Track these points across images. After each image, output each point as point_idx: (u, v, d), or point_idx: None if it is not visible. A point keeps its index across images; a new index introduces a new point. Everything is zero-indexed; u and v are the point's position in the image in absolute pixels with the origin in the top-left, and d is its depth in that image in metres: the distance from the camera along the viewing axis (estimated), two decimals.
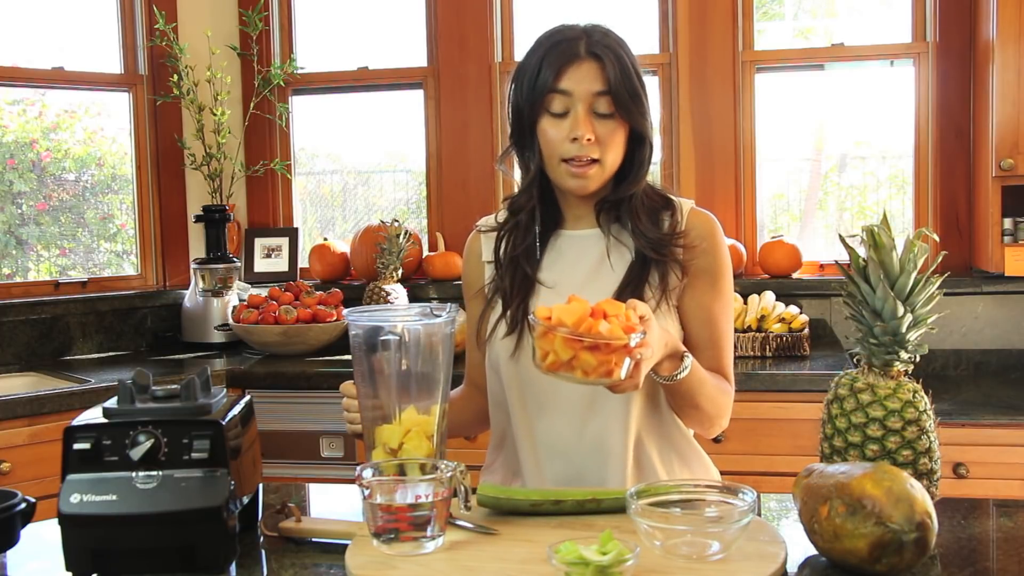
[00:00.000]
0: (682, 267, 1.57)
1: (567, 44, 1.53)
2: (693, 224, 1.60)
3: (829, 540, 1.16)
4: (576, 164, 1.52)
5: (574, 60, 1.52)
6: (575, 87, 1.51)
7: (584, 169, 1.52)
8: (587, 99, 1.51)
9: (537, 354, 1.30)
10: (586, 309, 1.28)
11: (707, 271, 1.59)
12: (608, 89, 1.51)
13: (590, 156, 1.51)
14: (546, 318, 1.28)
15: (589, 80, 1.51)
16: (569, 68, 1.51)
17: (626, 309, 1.31)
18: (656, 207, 1.61)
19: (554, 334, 1.26)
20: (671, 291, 1.57)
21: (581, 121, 1.51)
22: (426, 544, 1.23)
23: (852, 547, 1.13)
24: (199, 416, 1.27)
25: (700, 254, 1.58)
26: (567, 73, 1.51)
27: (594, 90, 1.51)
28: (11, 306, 3.22)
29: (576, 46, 1.52)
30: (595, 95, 1.51)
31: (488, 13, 3.59)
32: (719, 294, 1.61)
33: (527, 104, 1.55)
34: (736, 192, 3.43)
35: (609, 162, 1.54)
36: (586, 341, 1.25)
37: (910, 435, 1.32)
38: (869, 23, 3.59)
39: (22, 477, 2.53)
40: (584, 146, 1.51)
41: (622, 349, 1.27)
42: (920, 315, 1.34)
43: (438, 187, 3.68)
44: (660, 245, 1.56)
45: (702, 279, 1.59)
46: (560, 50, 1.52)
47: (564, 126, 1.52)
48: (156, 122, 3.62)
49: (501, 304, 1.61)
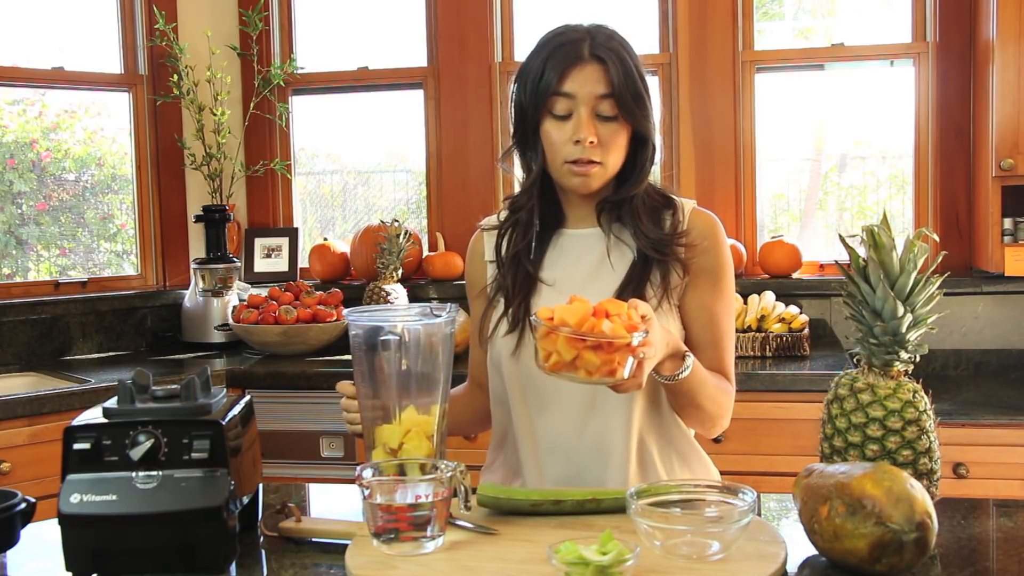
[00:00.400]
0: (683, 266, 1.57)
1: (571, 46, 1.52)
2: (695, 224, 1.60)
3: (829, 540, 1.16)
4: (578, 166, 1.52)
5: (577, 62, 1.51)
6: (578, 90, 1.51)
7: (586, 168, 1.52)
8: (590, 102, 1.51)
9: (540, 355, 1.30)
10: (588, 309, 1.28)
11: (709, 270, 1.60)
12: (611, 92, 1.51)
13: (593, 158, 1.52)
14: (548, 318, 1.28)
15: (592, 83, 1.51)
16: (572, 70, 1.51)
17: (628, 308, 1.31)
18: (657, 207, 1.61)
19: (557, 334, 1.26)
20: (672, 290, 1.57)
21: (584, 124, 1.51)
22: (426, 544, 1.23)
23: (852, 547, 1.13)
24: (199, 416, 1.27)
25: (701, 253, 1.59)
26: (570, 75, 1.51)
27: (597, 93, 1.51)
28: (11, 306, 3.22)
29: (580, 48, 1.52)
30: (598, 98, 1.51)
31: (488, 13, 3.59)
32: (721, 294, 1.61)
33: (530, 105, 1.55)
34: (736, 192, 3.43)
35: (611, 164, 1.54)
36: (589, 340, 1.25)
37: (910, 435, 1.32)
38: (869, 23, 3.58)
39: (22, 477, 2.53)
40: (587, 148, 1.51)
41: (625, 348, 1.27)
42: (920, 315, 1.34)
43: (438, 187, 3.68)
44: (662, 245, 1.56)
45: (704, 278, 1.59)
46: (564, 52, 1.52)
47: (567, 129, 1.52)
48: (156, 122, 3.62)
49: (503, 303, 1.62)
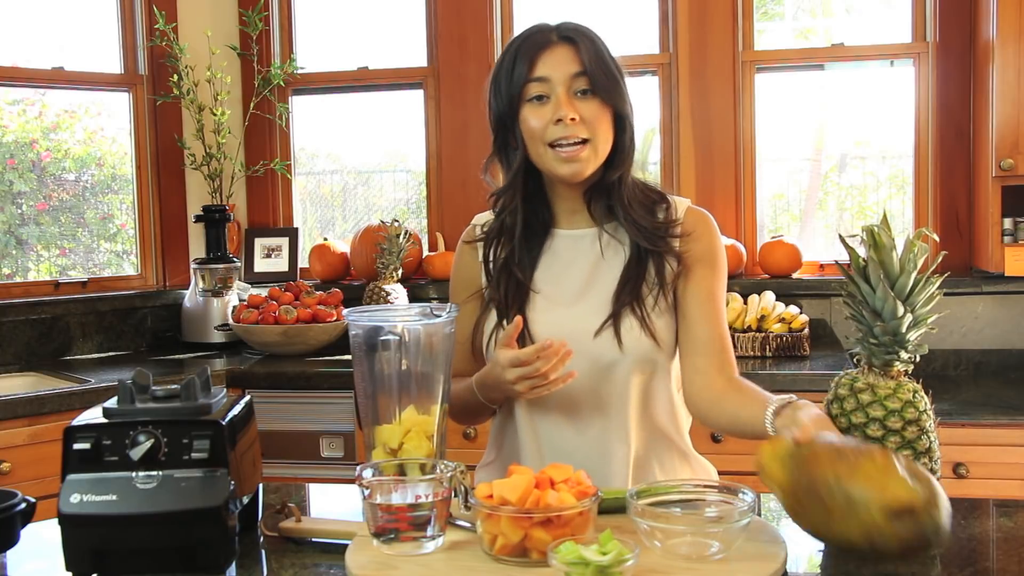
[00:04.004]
0: (677, 257, 1.56)
1: (539, 35, 1.53)
2: (688, 218, 1.60)
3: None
4: (565, 148, 1.50)
5: (547, 46, 1.52)
6: (552, 72, 1.51)
7: (575, 151, 1.50)
8: (565, 81, 1.50)
9: (484, 540, 1.19)
10: (530, 480, 1.18)
11: (704, 257, 1.58)
12: (584, 70, 1.50)
13: (578, 136, 1.50)
14: (487, 497, 1.18)
15: (565, 63, 1.51)
16: (543, 54, 1.51)
17: (576, 470, 1.22)
18: (651, 201, 1.60)
19: (499, 516, 1.16)
20: (668, 285, 1.56)
21: (563, 102, 1.49)
22: (426, 544, 1.23)
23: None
24: (199, 416, 1.27)
25: (695, 241, 1.58)
26: (542, 59, 1.51)
27: (571, 71, 1.50)
28: (11, 306, 3.22)
29: (548, 35, 1.53)
30: (573, 76, 1.51)
31: (488, 13, 3.59)
32: (718, 279, 1.60)
33: (506, 100, 1.54)
34: (736, 192, 3.43)
35: (600, 143, 1.52)
36: (536, 517, 1.15)
37: (910, 435, 1.32)
38: (869, 23, 3.59)
39: (22, 477, 2.53)
40: (569, 126, 1.49)
41: (578, 518, 1.16)
42: (920, 315, 1.34)
43: (438, 187, 3.68)
44: (654, 234, 1.55)
45: (701, 263, 1.58)
46: (532, 41, 1.53)
47: (546, 111, 1.51)
48: (156, 122, 3.62)
49: (496, 314, 1.60)
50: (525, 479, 1.19)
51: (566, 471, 1.23)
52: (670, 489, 1.29)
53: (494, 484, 1.19)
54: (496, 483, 1.19)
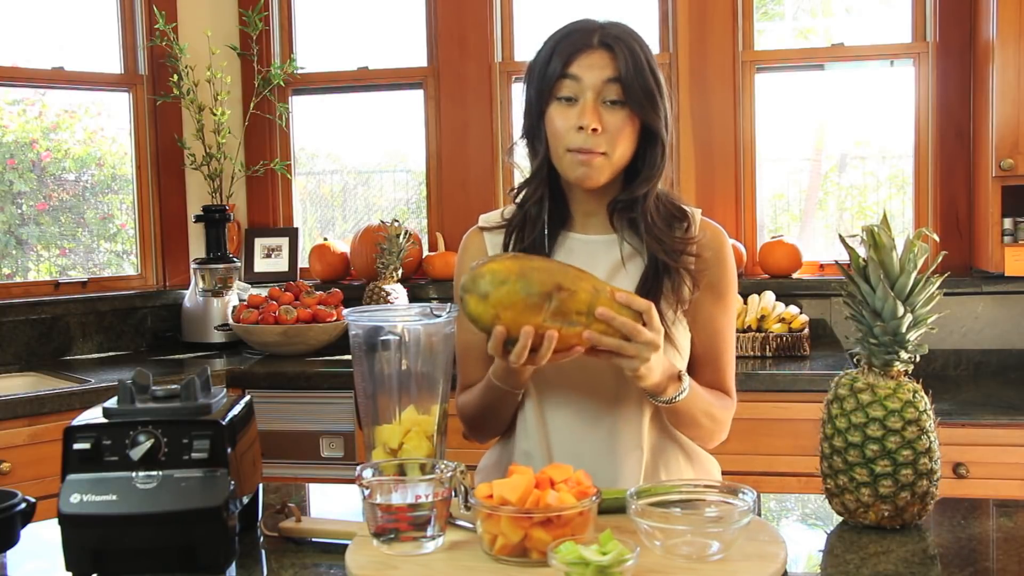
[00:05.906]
0: (694, 280, 1.55)
1: (580, 35, 1.50)
2: (703, 232, 1.58)
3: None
4: (582, 153, 1.48)
5: (585, 49, 1.49)
6: (584, 74, 1.48)
7: (590, 157, 1.48)
8: (596, 87, 1.47)
9: (484, 540, 1.19)
10: (530, 480, 1.19)
11: (714, 284, 1.58)
12: (618, 77, 1.47)
13: (597, 149, 1.48)
14: (487, 497, 1.18)
15: (599, 67, 1.48)
16: (580, 56, 1.48)
17: (576, 471, 1.23)
18: (673, 216, 1.58)
19: (498, 516, 1.16)
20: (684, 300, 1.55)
21: (588, 109, 1.47)
22: (426, 544, 1.23)
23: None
24: (199, 416, 1.27)
25: (707, 265, 1.56)
26: (577, 60, 1.48)
27: (604, 77, 1.47)
28: (11, 306, 3.22)
29: (589, 36, 1.49)
30: (605, 83, 1.47)
31: (488, 13, 3.59)
32: (724, 309, 1.60)
33: (536, 92, 1.52)
34: (736, 192, 3.43)
35: (617, 155, 1.50)
36: (536, 517, 1.15)
37: (910, 435, 1.32)
38: (869, 23, 3.59)
39: (22, 477, 2.53)
40: (590, 136, 1.47)
41: (579, 518, 1.16)
42: (920, 315, 1.34)
43: (438, 187, 3.68)
44: (674, 250, 1.53)
45: (708, 292, 1.57)
46: (572, 40, 1.50)
47: (571, 115, 1.48)
48: (156, 122, 3.62)
49: None
50: (525, 479, 1.19)
51: (566, 471, 1.23)
52: (670, 489, 1.29)
53: (494, 484, 1.20)
54: (496, 483, 1.20)
